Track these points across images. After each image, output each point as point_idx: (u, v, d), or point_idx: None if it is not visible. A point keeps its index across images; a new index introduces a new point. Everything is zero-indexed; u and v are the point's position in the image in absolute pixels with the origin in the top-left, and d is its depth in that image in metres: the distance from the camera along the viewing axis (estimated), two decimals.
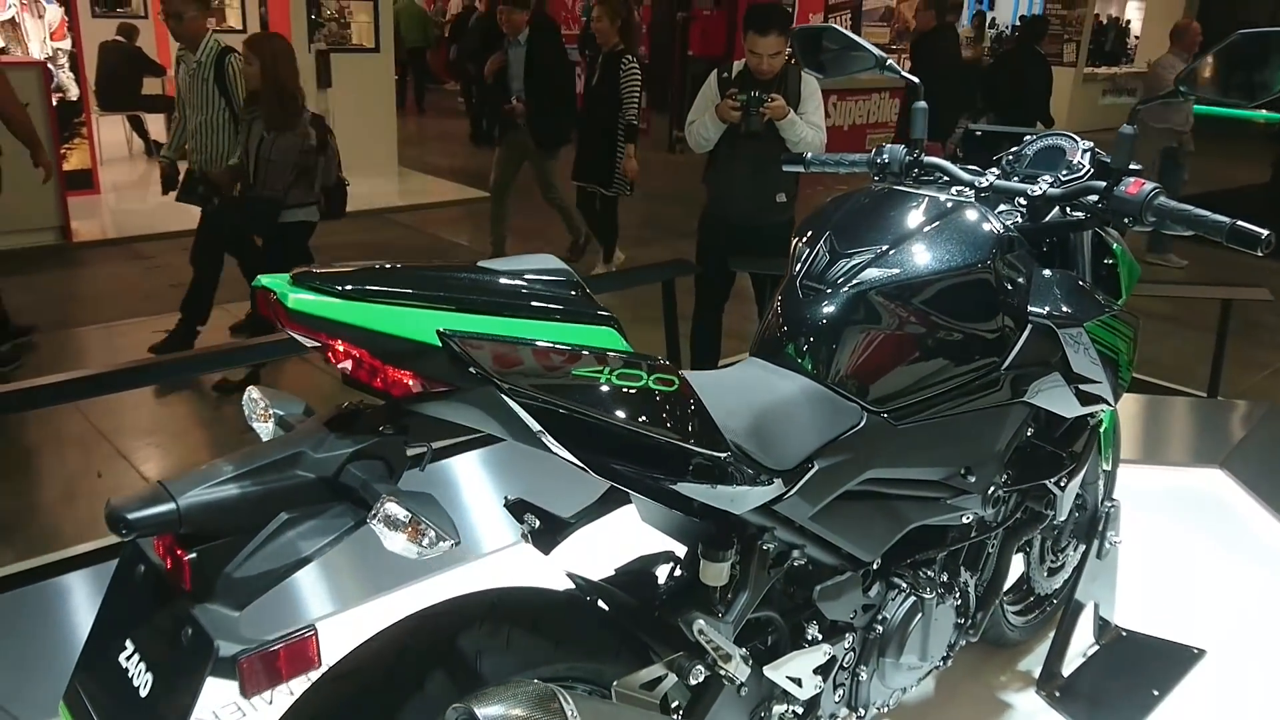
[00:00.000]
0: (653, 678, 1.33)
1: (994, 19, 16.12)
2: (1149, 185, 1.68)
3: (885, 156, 1.99)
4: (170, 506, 0.96)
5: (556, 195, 6.55)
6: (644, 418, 1.13)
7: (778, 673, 1.50)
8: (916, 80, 1.97)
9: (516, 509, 1.54)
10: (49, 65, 7.24)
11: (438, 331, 1.02)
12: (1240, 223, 1.58)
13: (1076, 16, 10.80)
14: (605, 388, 1.10)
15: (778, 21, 3.99)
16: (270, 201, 4.45)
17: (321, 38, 8.56)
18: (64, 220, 6.90)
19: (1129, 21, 17.24)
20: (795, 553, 1.50)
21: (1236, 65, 1.58)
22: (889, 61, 1.97)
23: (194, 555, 0.98)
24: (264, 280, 1.01)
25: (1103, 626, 2.44)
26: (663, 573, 1.56)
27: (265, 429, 1.19)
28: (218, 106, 4.73)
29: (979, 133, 2.58)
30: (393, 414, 1.12)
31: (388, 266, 1.07)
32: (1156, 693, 2.29)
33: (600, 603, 1.43)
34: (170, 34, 5.03)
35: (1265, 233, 1.55)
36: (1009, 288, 1.66)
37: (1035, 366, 1.70)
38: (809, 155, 2.15)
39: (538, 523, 1.54)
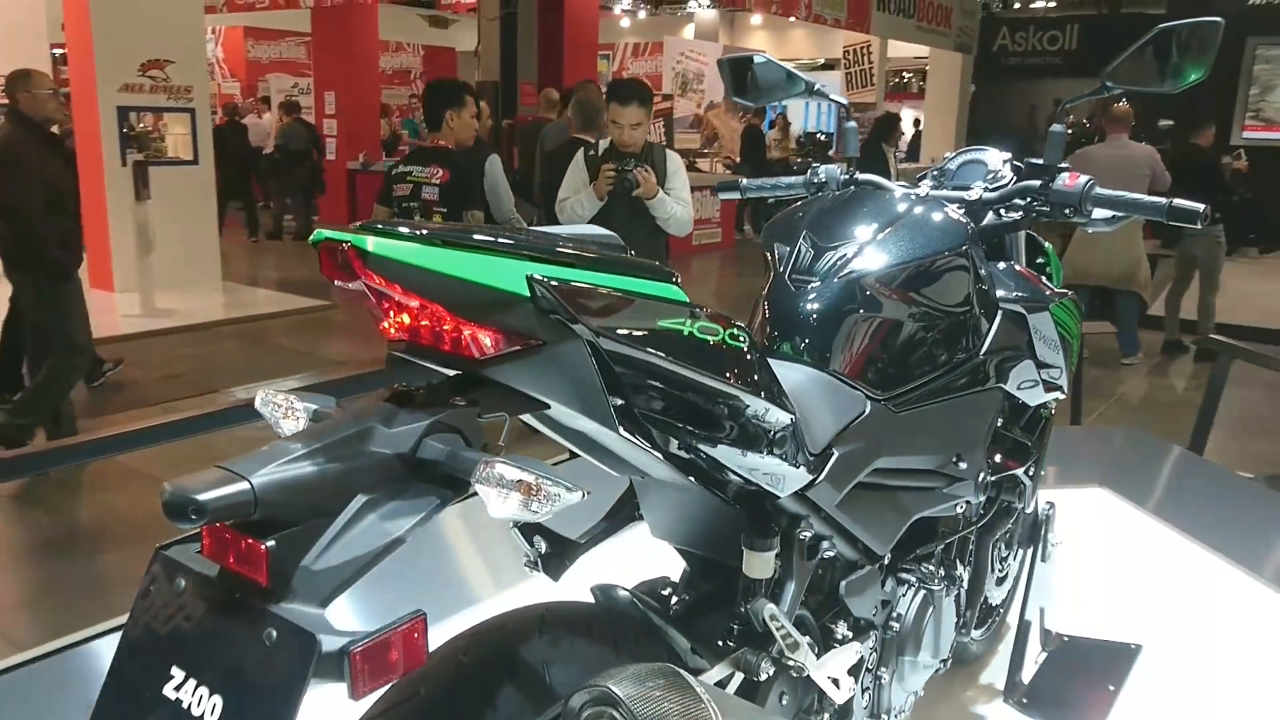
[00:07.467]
0: (723, 676, 1.24)
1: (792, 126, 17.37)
2: (1084, 178, 1.79)
3: (821, 175, 2.04)
4: (244, 486, 0.82)
5: None
6: (728, 375, 1.09)
7: (821, 673, 1.43)
8: (845, 102, 2.06)
9: (527, 530, 1.43)
10: None
11: (528, 277, 0.94)
12: (1177, 200, 1.70)
13: (868, 119, 11.73)
14: (689, 340, 1.05)
15: (638, 93, 4.13)
16: None
17: (135, 149, 8.18)
18: None
19: (918, 121, 18.72)
20: (825, 544, 1.46)
21: (1155, 57, 1.72)
22: (818, 86, 2.05)
23: (272, 543, 0.84)
24: (326, 233, 0.91)
25: (1046, 634, 2.48)
26: (673, 590, 1.49)
27: (296, 427, 1.05)
28: None
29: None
30: (456, 388, 1.02)
31: (457, 225, 0.99)
32: (1112, 688, 2.33)
33: (647, 613, 1.34)
34: None
35: (1202, 207, 1.67)
36: (981, 275, 1.71)
37: (1009, 351, 1.75)
38: (743, 182, 2.18)
39: (544, 546, 1.44)
